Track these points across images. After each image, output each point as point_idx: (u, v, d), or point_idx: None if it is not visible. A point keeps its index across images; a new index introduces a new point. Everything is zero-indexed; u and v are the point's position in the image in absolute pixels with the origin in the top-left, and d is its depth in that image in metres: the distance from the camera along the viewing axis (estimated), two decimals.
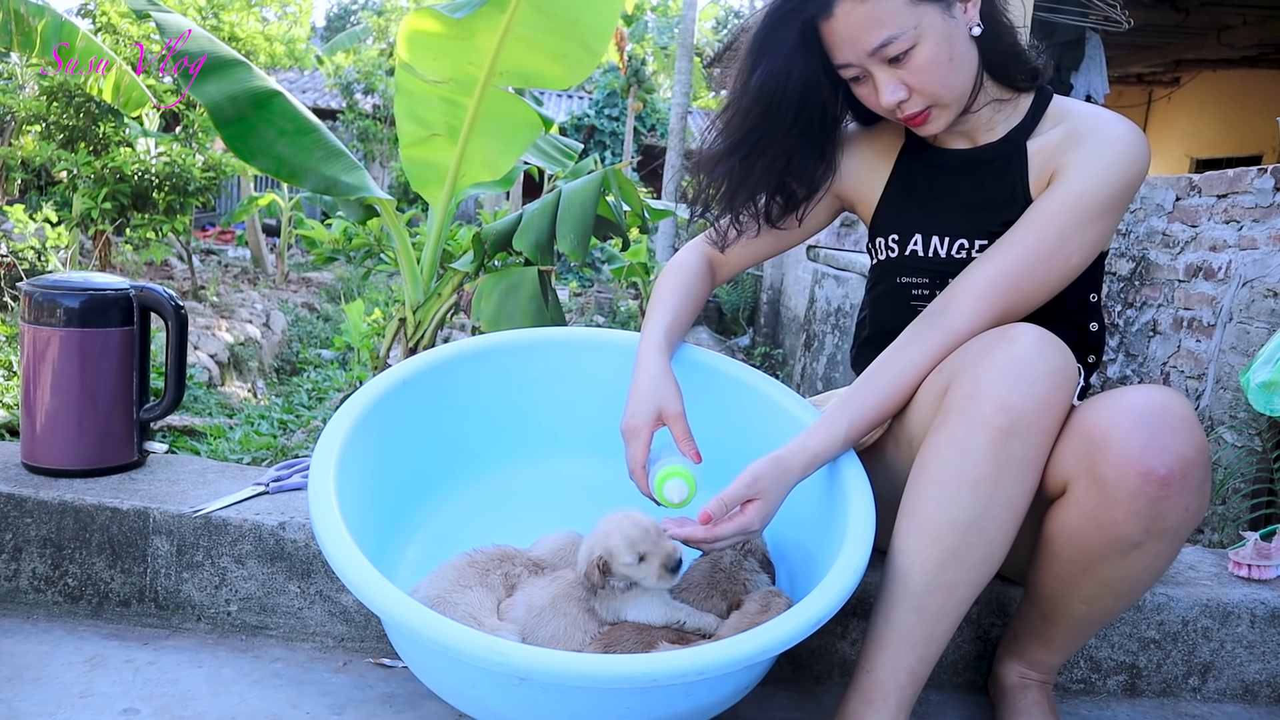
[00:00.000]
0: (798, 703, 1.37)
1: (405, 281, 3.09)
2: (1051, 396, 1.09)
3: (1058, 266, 1.24)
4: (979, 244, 1.32)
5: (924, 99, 1.23)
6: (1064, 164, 1.26)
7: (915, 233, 1.37)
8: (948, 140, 1.38)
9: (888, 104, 1.24)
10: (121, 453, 1.55)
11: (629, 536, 1.15)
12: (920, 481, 1.15)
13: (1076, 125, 1.28)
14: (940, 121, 1.27)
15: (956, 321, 1.22)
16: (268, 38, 9.68)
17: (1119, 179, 1.23)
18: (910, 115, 1.25)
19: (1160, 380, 3.37)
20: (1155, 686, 1.49)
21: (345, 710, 1.25)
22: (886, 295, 1.42)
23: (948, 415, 1.13)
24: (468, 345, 1.45)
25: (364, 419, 1.27)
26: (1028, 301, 1.24)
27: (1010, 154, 1.32)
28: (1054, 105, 1.33)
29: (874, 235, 1.44)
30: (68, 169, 6.77)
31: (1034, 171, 1.30)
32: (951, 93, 1.24)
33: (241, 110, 2.52)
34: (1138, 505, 1.07)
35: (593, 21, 2.50)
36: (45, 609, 1.44)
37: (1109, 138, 1.24)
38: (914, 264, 1.37)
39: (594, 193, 2.66)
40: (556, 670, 0.94)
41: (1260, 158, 7.08)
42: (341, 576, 1.03)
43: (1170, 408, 1.08)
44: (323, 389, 5.83)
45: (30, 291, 1.49)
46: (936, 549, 1.12)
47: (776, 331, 8.49)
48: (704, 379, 1.46)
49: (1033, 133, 1.32)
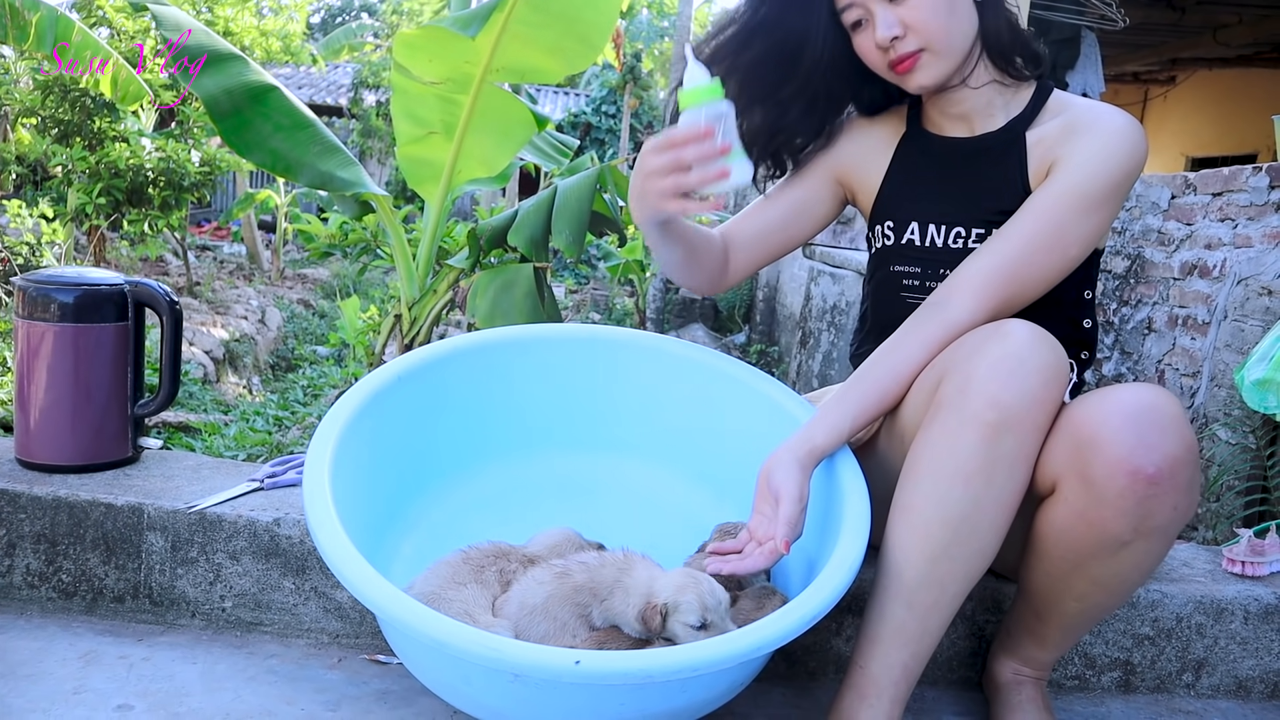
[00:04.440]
0: (793, 699, 1.38)
1: (401, 278, 3.09)
2: (1043, 392, 1.09)
3: (1057, 257, 1.24)
4: (976, 233, 1.32)
5: (918, 39, 1.24)
6: (1063, 155, 1.27)
7: (912, 220, 1.37)
8: (947, 127, 1.38)
9: (882, 39, 1.24)
10: (116, 448, 1.54)
11: (704, 601, 1.09)
12: (912, 477, 1.15)
13: (1075, 117, 1.29)
14: (930, 71, 1.27)
15: (955, 314, 1.22)
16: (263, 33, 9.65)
17: (1117, 170, 1.23)
18: (901, 57, 1.26)
19: (1155, 378, 3.37)
20: (1149, 683, 1.49)
21: (340, 706, 1.25)
22: (881, 285, 1.43)
23: (939, 410, 1.13)
24: (463, 342, 1.45)
25: (359, 415, 1.27)
26: (1027, 293, 1.25)
27: (1009, 143, 1.32)
28: (1054, 98, 1.34)
29: (872, 223, 1.45)
30: (62, 164, 6.75)
31: (1033, 162, 1.30)
32: (946, 39, 1.25)
33: (238, 105, 2.52)
34: (1126, 504, 1.08)
35: (593, 17, 2.50)
36: (39, 605, 1.44)
37: (1108, 129, 1.25)
38: (909, 252, 1.38)
39: (590, 189, 2.66)
40: (551, 667, 0.94)
41: (1255, 156, 7.09)
42: (336, 573, 1.03)
43: (1159, 406, 1.08)
44: (318, 385, 5.82)
45: (24, 287, 1.48)
46: (929, 544, 1.13)
47: (772, 329, 8.49)
48: (699, 376, 1.46)
49: (1032, 123, 1.32)
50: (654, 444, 1.50)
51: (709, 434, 1.46)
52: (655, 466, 1.50)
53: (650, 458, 1.50)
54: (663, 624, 1.10)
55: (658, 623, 1.10)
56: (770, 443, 1.24)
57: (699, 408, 1.47)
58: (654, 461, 1.50)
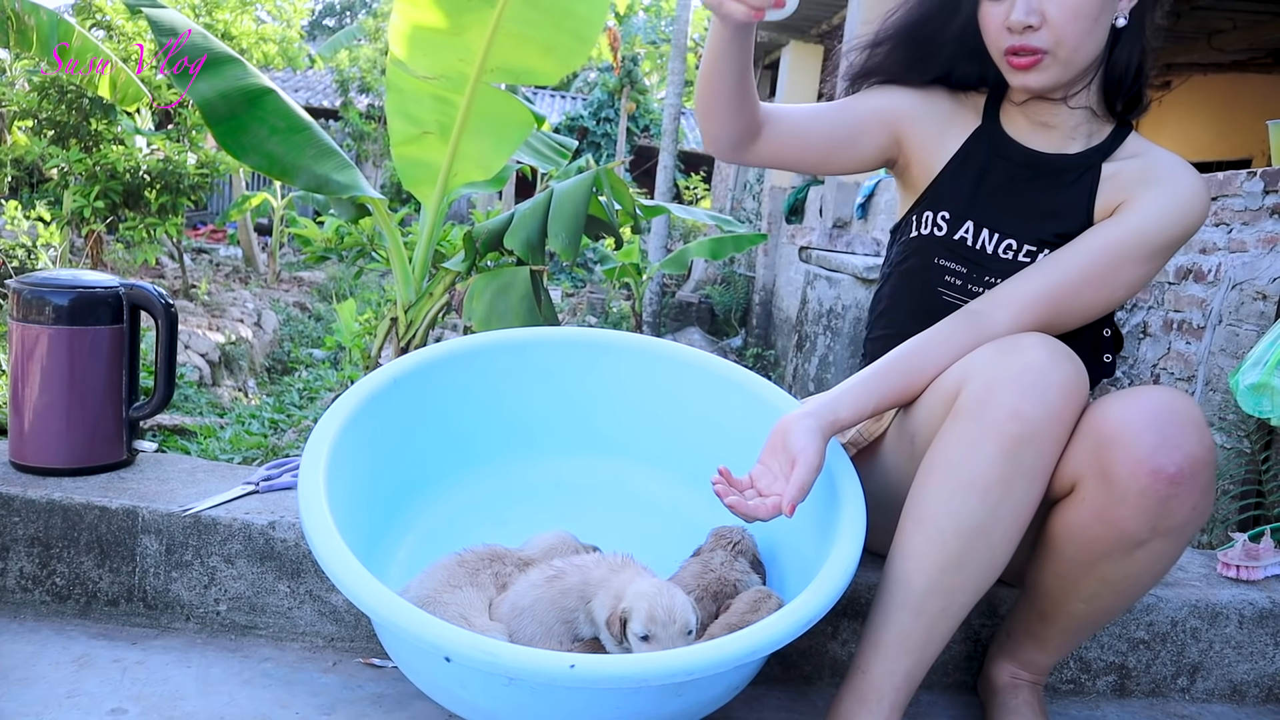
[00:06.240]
0: (788, 703, 1.38)
1: (397, 281, 3.08)
2: (1063, 407, 1.10)
3: (1104, 296, 1.25)
4: (1027, 249, 1.31)
5: (1051, 37, 1.21)
6: (1134, 198, 1.27)
7: (968, 219, 1.34)
8: (1026, 134, 1.35)
9: (1016, 22, 1.21)
10: (110, 451, 1.54)
11: (653, 613, 1.08)
12: (927, 485, 1.14)
13: (1153, 164, 1.29)
14: (1045, 75, 1.24)
15: (994, 327, 1.22)
16: (262, 37, 9.65)
17: (1180, 227, 1.25)
18: (1024, 49, 1.23)
19: (1150, 382, 3.38)
20: (1144, 687, 1.49)
21: (335, 710, 1.25)
22: (918, 273, 1.38)
23: (958, 419, 1.12)
24: (459, 345, 1.45)
25: (354, 418, 1.26)
26: (1065, 322, 1.25)
27: (1085, 170, 1.31)
28: (1133, 138, 1.33)
29: (921, 207, 1.39)
30: (59, 166, 6.73)
31: (1102, 195, 1.30)
32: (1075, 50, 1.22)
33: (234, 108, 2.51)
34: (1146, 503, 1.08)
35: (584, 11, 2.50)
36: (33, 608, 1.44)
37: (1182, 184, 1.26)
38: (958, 250, 1.34)
39: (586, 192, 2.66)
40: (546, 671, 0.94)
41: (1250, 161, 7.11)
42: (331, 576, 1.03)
43: (1181, 409, 1.09)
44: (314, 388, 5.82)
45: (19, 289, 1.48)
46: (941, 553, 1.12)
47: (769, 333, 8.49)
48: (695, 380, 1.46)
49: (1110, 156, 1.31)
50: (650, 447, 1.50)
51: (705, 437, 1.46)
52: (651, 470, 1.50)
53: (646, 461, 1.50)
54: (621, 631, 1.10)
55: (618, 629, 1.10)
56: None
57: (695, 411, 1.47)
58: (650, 465, 1.50)
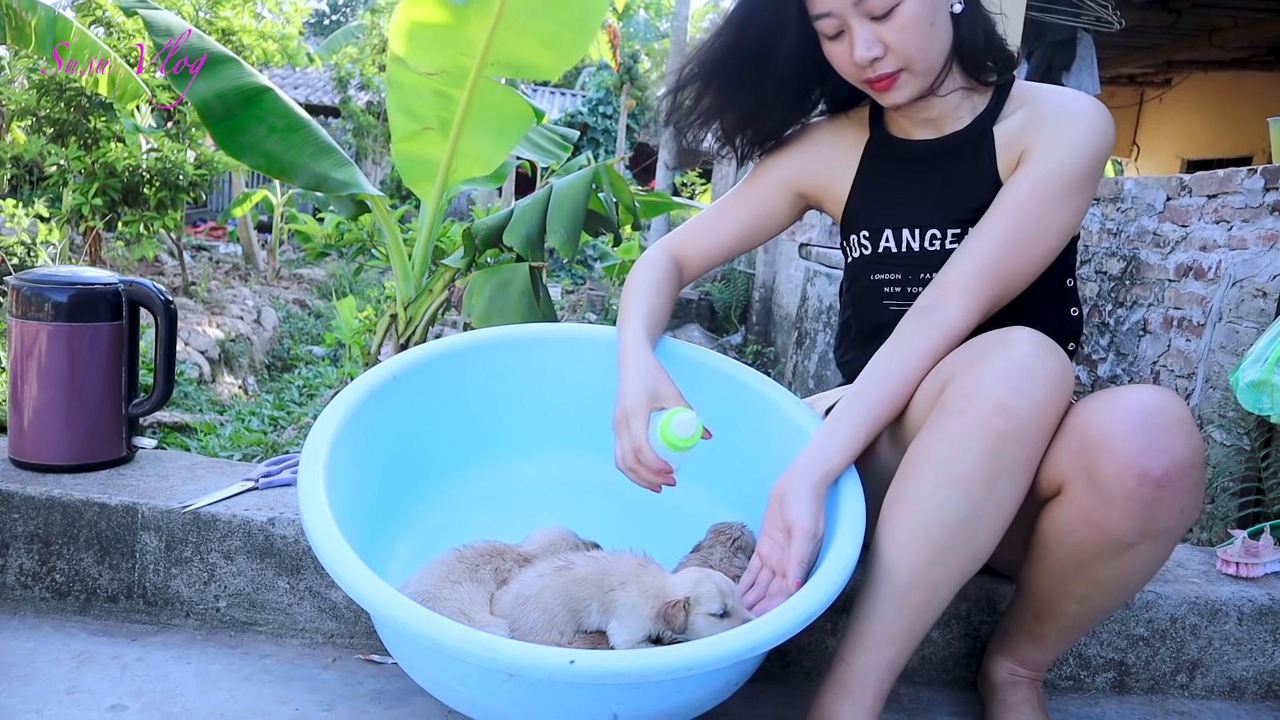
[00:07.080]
0: (787, 700, 1.38)
1: (397, 278, 3.08)
2: (1048, 402, 1.09)
3: (1039, 247, 1.24)
4: (951, 233, 1.32)
5: (898, 59, 1.23)
6: (1031, 143, 1.27)
7: (886, 228, 1.37)
8: (913, 131, 1.37)
9: (861, 59, 1.22)
10: (110, 448, 1.54)
11: (722, 588, 1.11)
12: (912, 479, 1.14)
13: (1040, 105, 1.29)
14: (907, 90, 1.26)
15: (949, 316, 1.22)
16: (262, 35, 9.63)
17: (1088, 154, 1.24)
18: (879, 77, 1.24)
19: (1150, 379, 3.38)
20: (1144, 683, 1.49)
21: (334, 706, 1.25)
22: (862, 294, 1.42)
23: (943, 414, 1.12)
24: (458, 341, 1.44)
25: (354, 415, 1.26)
26: (1014, 286, 1.25)
27: (977, 141, 1.32)
28: (1016, 88, 1.34)
29: (845, 233, 1.44)
30: (58, 163, 6.73)
31: (1002, 155, 1.30)
32: (925, 59, 1.24)
33: (231, 107, 2.51)
34: (1133, 506, 1.07)
35: (586, 1, 2.50)
36: (32, 605, 1.44)
37: (1073, 114, 1.25)
38: (887, 259, 1.37)
39: (585, 188, 2.65)
40: (546, 666, 0.94)
41: (1250, 159, 7.11)
42: (331, 572, 1.03)
43: (1167, 409, 1.08)
44: (314, 385, 5.82)
45: (18, 286, 1.48)
46: (925, 547, 1.12)
47: (768, 329, 8.49)
48: (695, 375, 1.46)
49: (998, 118, 1.32)
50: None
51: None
52: None
53: None
54: (685, 619, 1.10)
55: (681, 619, 1.10)
56: (766, 442, 1.24)
57: (694, 408, 1.46)
58: None
